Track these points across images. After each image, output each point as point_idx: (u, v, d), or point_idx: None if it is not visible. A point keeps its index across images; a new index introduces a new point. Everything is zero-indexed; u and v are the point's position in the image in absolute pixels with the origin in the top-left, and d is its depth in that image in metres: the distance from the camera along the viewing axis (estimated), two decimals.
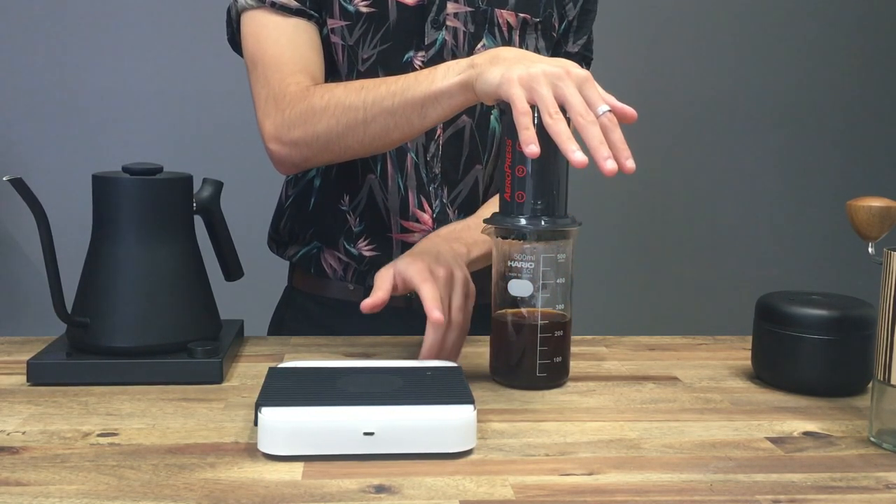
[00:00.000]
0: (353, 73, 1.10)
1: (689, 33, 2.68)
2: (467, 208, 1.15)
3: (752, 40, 2.77)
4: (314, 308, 1.21)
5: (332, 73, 1.12)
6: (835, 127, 2.86)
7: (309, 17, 1.08)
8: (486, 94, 0.85)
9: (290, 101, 1.03)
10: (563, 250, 0.91)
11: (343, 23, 1.09)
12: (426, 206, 1.12)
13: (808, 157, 2.85)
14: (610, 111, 0.81)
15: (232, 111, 2.51)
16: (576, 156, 0.78)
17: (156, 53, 2.48)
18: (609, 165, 0.78)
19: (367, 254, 1.14)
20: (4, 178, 0.88)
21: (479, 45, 1.11)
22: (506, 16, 1.11)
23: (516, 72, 0.82)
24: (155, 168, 0.96)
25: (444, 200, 1.13)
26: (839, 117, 2.85)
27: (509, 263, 0.91)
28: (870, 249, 0.85)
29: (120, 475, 0.69)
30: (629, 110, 0.82)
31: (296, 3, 1.07)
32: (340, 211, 1.15)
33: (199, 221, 1.01)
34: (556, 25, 1.15)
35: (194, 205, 0.99)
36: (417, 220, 1.13)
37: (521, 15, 1.12)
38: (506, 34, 1.12)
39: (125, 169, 0.95)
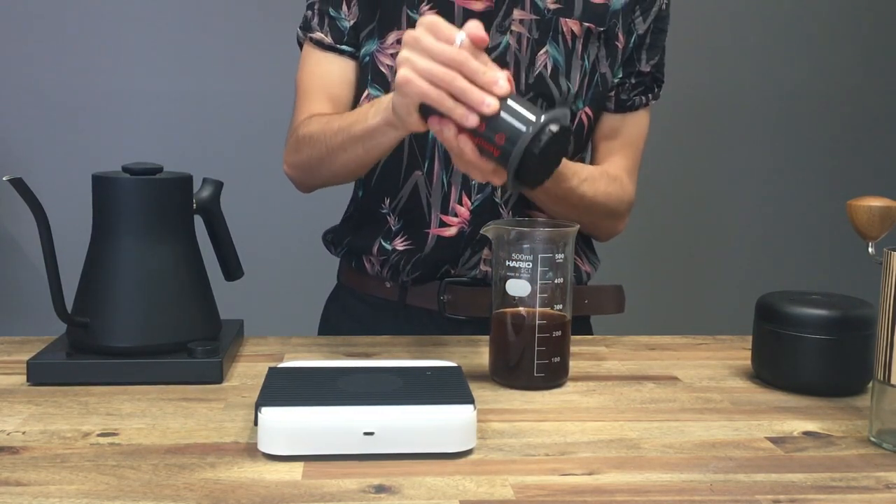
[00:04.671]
0: None
1: (689, 33, 2.68)
2: (511, 198, 1.16)
3: (752, 40, 2.77)
4: (357, 304, 1.25)
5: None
6: (834, 126, 2.86)
7: (341, 53, 1.16)
8: (413, 122, 0.89)
9: (293, 130, 1.15)
10: (562, 250, 0.91)
11: None
12: (465, 200, 1.14)
13: (807, 157, 2.85)
14: (464, 38, 0.85)
15: (232, 111, 2.51)
16: (484, 108, 0.82)
17: (156, 54, 2.48)
18: (468, 123, 0.83)
19: (400, 248, 1.17)
20: (4, 178, 0.88)
21: (541, 52, 1.11)
22: (570, 24, 1.12)
23: (398, 82, 0.86)
24: (155, 168, 0.96)
25: (488, 192, 1.14)
26: (839, 117, 2.85)
27: (507, 263, 0.91)
28: (870, 249, 0.85)
29: (120, 475, 0.69)
30: (479, 35, 0.85)
31: (329, 41, 1.16)
32: (381, 214, 1.18)
33: (199, 221, 1.01)
34: (621, 37, 1.15)
35: (194, 205, 0.99)
36: (456, 215, 1.14)
37: (586, 24, 1.12)
38: (569, 43, 1.12)
39: (125, 169, 0.95)
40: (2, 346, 1.04)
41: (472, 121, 0.83)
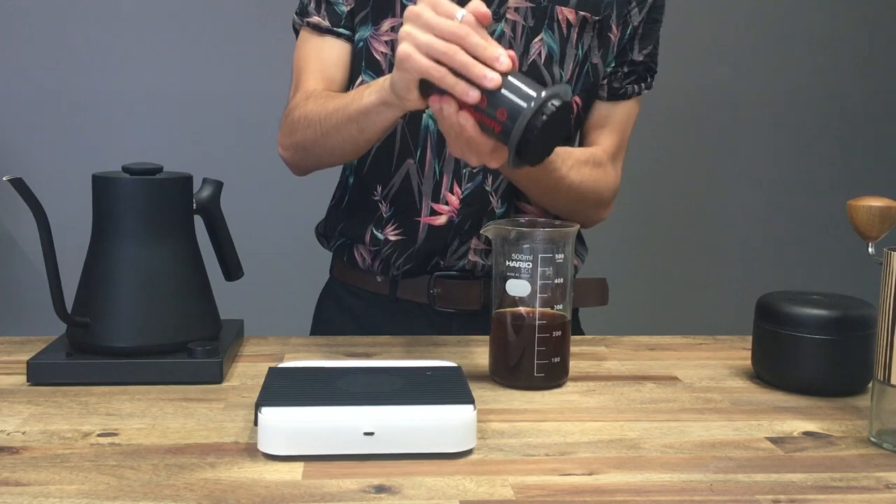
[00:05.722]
0: None
1: (690, 33, 2.68)
2: (501, 186, 1.16)
3: (752, 40, 2.77)
4: (348, 298, 1.25)
5: (390, 67, 1.13)
6: (835, 127, 2.86)
7: (338, 36, 1.17)
8: (412, 99, 0.87)
9: (288, 111, 1.14)
10: (562, 250, 0.91)
11: (403, 19, 1.10)
12: (456, 188, 1.15)
13: (808, 157, 2.85)
14: (466, 14, 0.84)
15: (232, 111, 2.51)
16: (486, 82, 0.81)
17: (156, 53, 2.48)
18: (470, 98, 0.82)
19: (392, 238, 1.17)
20: (4, 178, 0.88)
21: (536, 40, 1.12)
22: (566, 13, 1.12)
23: (399, 58, 0.85)
24: (155, 168, 0.96)
25: (479, 181, 1.14)
26: (839, 117, 2.85)
27: (508, 263, 0.91)
28: (870, 249, 0.85)
29: (120, 475, 0.69)
30: (482, 11, 0.85)
31: (326, 24, 1.16)
32: (372, 201, 1.18)
33: (199, 221, 1.01)
34: (615, 28, 1.15)
35: (194, 205, 0.99)
36: (447, 203, 1.15)
37: (582, 13, 1.13)
38: (564, 31, 1.12)
39: (125, 169, 0.95)
40: (2, 346, 1.04)
41: (473, 96, 0.82)
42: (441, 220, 1.15)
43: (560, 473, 0.71)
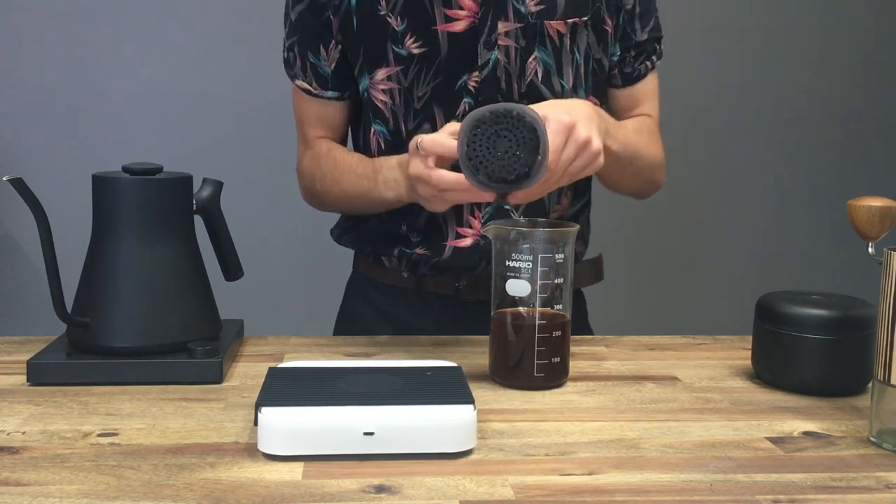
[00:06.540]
0: (410, 113, 1.14)
1: (690, 33, 2.68)
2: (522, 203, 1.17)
3: (752, 41, 2.77)
4: (372, 292, 1.26)
5: (393, 116, 1.15)
6: (835, 127, 2.85)
7: (328, 98, 1.20)
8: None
9: (307, 175, 1.23)
10: (562, 250, 0.91)
11: (397, 68, 1.12)
12: (477, 211, 1.15)
13: (808, 157, 2.85)
14: (420, 140, 0.94)
15: (232, 111, 2.51)
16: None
17: (156, 54, 2.48)
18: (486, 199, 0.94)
19: (419, 253, 1.18)
20: (4, 178, 0.88)
21: (530, 59, 1.11)
22: (555, 26, 1.11)
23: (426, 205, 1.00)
24: (155, 168, 0.96)
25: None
26: (839, 117, 2.85)
27: (507, 263, 0.91)
28: (870, 249, 0.85)
29: (120, 475, 0.69)
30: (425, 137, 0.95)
31: (315, 90, 1.19)
32: (400, 234, 1.19)
33: (199, 221, 1.01)
34: (609, 19, 1.15)
35: (194, 205, 0.99)
36: (470, 227, 1.16)
37: (571, 20, 1.12)
38: (557, 42, 1.12)
39: (125, 169, 0.95)
40: (2, 346, 1.05)
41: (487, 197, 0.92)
42: (466, 242, 1.16)
43: (560, 473, 0.71)
